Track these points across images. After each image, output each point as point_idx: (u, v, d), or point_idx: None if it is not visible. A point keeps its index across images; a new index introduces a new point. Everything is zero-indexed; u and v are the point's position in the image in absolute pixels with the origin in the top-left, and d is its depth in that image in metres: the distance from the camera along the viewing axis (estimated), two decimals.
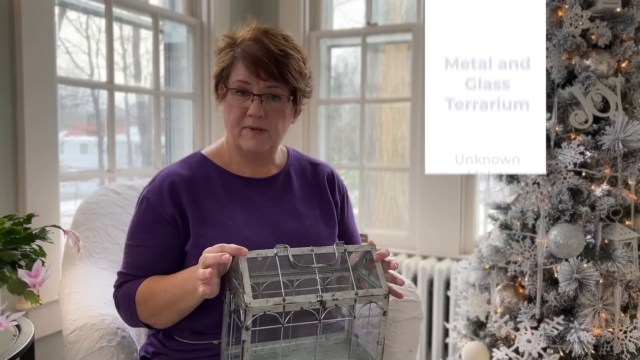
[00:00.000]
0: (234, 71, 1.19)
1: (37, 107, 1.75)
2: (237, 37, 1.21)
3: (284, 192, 1.29)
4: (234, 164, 1.27)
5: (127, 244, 1.22)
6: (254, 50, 1.16)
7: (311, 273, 1.07)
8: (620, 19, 1.70)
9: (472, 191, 2.52)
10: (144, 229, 1.20)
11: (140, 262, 1.19)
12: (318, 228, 1.28)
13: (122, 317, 1.20)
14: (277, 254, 1.02)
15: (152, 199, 1.20)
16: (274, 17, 2.79)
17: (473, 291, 1.85)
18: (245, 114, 1.18)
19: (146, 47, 2.41)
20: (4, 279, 1.03)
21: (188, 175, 1.23)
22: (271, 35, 1.19)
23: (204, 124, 2.57)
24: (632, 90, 1.72)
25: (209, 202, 1.21)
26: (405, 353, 1.45)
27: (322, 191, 1.34)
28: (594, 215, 1.66)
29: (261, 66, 1.15)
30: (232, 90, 1.19)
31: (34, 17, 1.73)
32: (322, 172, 1.37)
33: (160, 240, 1.19)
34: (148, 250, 1.19)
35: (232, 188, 1.25)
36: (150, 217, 1.20)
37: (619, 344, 1.65)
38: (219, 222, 1.19)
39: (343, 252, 1.07)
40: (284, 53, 1.17)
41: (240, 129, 1.20)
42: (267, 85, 1.17)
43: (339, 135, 2.98)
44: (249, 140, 1.20)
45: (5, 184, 1.69)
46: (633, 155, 1.67)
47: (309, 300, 0.98)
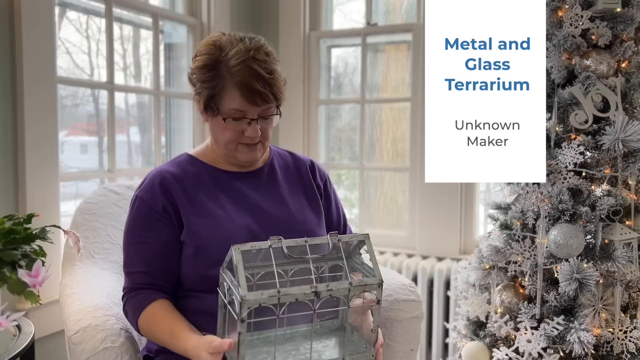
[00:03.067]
0: (227, 97, 1.19)
1: (37, 107, 1.75)
2: (219, 56, 1.20)
3: (269, 183, 1.33)
4: (220, 163, 1.31)
5: (126, 243, 1.25)
6: (246, 78, 1.16)
7: (305, 263, 1.07)
8: (620, 19, 1.70)
9: (472, 191, 2.52)
10: (140, 227, 1.23)
11: (142, 258, 1.22)
12: (304, 212, 1.32)
13: (129, 323, 1.25)
14: (271, 245, 1.03)
15: (145, 197, 1.23)
16: (274, 17, 2.79)
17: (473, 291, 1.85)
18: (241, 135, 1.22)
19: (146, 47, 2.41)
20: (4, 279, 1.03)
21: (177, 172, 1.27)
22: (256, 55, 1.18)
23: (203, 124, 2.56)
24: (632, 90, 1.72)
25: (198, 195, 1.25)
26: (407, 352, 1.45)
27: (305, 179, 1.38)
28: (594, 215, 1.66)
29: (257, 95, 1.17)
30: (227, 116, 1.20)
31: (34, 17, 1.73)
32: (304, 163, 1.42)
33: (158, 236, 1.22)
34: (147, 245, 1.22)
35: (220, 181, 1.29)
36: (144, 214, 1.23)
37: (619, 344, 1.65)
38: (210, 212, 1.23)
39: (337, 242, 1.08)
40: (271, 74, 1.19)
41: (236, 145, 1.24)
42: (262, 109, 1.20)
43: (339, 135, 2.98)
44: (246, 154, 1.25)
45: (5, 184, 1.69)
46: (633, 155, 1.67)
47: (304, 291, 0.99)
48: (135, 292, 1.21)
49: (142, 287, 1.21)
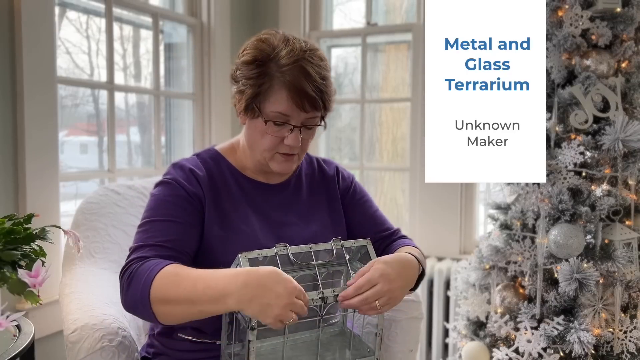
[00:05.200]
0: (273, 98, 1.09)
1: (37, 107, 1.75)
2: (271, 53, 1.09)
3: (293, 198, 1.26)
4: (248, 169, 1.24)
5: (146, 220, 1.11)
6: (299, 80, 1.07)
7: (309, 269, 1.07)
8: (620, 19, 1.70)
9: (472, 191, 2.52)
10: (168, 205, 1.11)
11: (162, 236, 1.07)
12: (325, 233, 1.24)
13: (127, 295, 1.03)
14: (277, 253, 1.03)
15: (177, 179, 1.14)
16: (274, 17, 2.79)
17: (473, 291, 1.85)
18: (281, 142, 1.12)
19: (146, 47, 2.41)
20: (4, 279, 1.03)
21: (206, 169, 1.19)
22: (310, 57, 1.10)
23: (204, 124, 2.57)
24: (632, 90, 1.72)
25: (225, 202, 1.17)
26: (406, 353, 1.45)
27: (330, 189, 1.31)
28: (594, 215, 1.66)
29: (307, 100, 1.08)
30: (269, 119, 1.10)
31: (34, 17, 1.73)
32: (328, 172, 1.34)
33: (185, 215, 1.10)
34: (172, 224, 1.08)
35: (246, 191, 1.21)
36: (175, 193, 1.12)
37: (619, 344, 1.65)
38: (233, 225, 1.15)
39: (340, 248, 1.08)
40: (324, 80, 1.10)
41: (273, 153, 1.14)
42: (307, 117, 1.11)
43: (339, 135, 2.98)
44: (282, 164, 1.16)
45: (5, 184, 1.69)
46: (633, 155, 1.67)
47: (311, 297, 0.99)
48: (147, 259, 1.04)
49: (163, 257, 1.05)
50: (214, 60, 2.52)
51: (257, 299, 0.92)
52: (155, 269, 1.00)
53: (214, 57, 2.52)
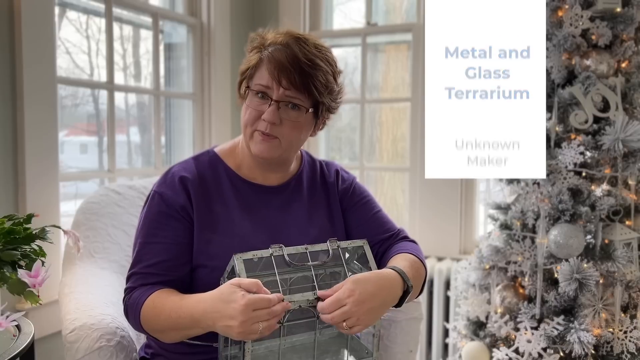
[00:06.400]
0: (258, 73, 1.15)
1: (37, 107, 1.75)
2: (268, 39, 1.17)
3: (292, 201, 1.26)
4: (245, 168, 1.24)
5: (138, 241, 1.17)
6: (280, 55, 1.12)
7: (305, 270, 1.07)
8: (620, 19, 1.70)
9: (472, 191, 2.52)
10: (155, 224, 1.16)
11: (152, 259, 1.13)
12: (324, 238, 1.20)
13: (131, 325, 1.15)
14: (272, 254, 1.03)
15: (164, 192, 1.17)
16: (274, 17, 2.79)
17: (473, 291, 1.85)
18: (260, 117, 1.14)
19: (146, 47, 2.41)
20: (4, 279, 1.03)
21: (199, 173, 1.21)
22: (302, 42, 1.14)
23: (204, 124, 2.57)
24: (632, 90, 1.72)
25: (217, 205, 1.18)
26: (405, 353, 1.44)
27: (330, 192, 1.31)
28: (594, 216, 1.66)
29: (284, 73, 1.11)
30: (252, 91, 1.15)
31: (34, 17, 1.73)
32: (329, 174, 1.34)
33: (172, 234, 1.15)
34: (160, 246, 1.14)
35: (241, 194, 1.22)
36: (161, 210, 1.16)
37: (619, 344, 1.65)
38: (226, 229, 1.17)
39: (336, 249, 1.08)
40: (311, 63, 1.12)
41: (252, 130, 1.16)
42: (287, 94, 1.12)
43: (339, 135, 2.98)
44: (259, 144, 1.16)
45: (5, 184, 1.69)
46: (633, 155, 1.67)
47: (307, 298, 0.98)
48: (135, 290, 1.13)
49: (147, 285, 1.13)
50: (214, 60, 2.52)
51: (218, 322, 0.97)
52: (140, 302, 1.09)
53: (214, 57, 2.52)
